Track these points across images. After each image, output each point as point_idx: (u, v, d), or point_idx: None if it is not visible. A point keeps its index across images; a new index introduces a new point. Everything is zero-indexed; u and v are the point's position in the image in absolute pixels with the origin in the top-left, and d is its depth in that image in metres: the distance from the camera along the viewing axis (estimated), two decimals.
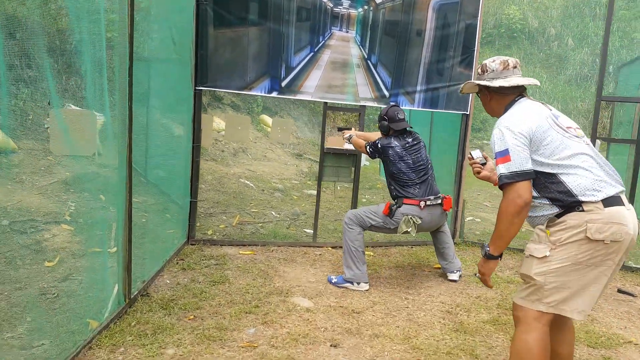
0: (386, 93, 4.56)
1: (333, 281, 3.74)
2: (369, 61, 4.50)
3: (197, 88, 4.16)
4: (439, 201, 3.76)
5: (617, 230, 1.95)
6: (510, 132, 2.05)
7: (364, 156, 5.92)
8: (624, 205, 1.99)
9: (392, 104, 4.16)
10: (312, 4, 4.29)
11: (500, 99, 2.28)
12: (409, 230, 3.61)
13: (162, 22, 3.62)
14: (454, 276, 3.92)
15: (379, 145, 3.78)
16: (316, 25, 4.33)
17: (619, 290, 3.88)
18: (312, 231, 4.86)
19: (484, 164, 2.45)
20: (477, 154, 2.47)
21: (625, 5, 19.72)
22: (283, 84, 4.30)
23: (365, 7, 4.43)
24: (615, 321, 3.31)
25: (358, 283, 3.65)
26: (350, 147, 4.64)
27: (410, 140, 3.81)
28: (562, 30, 20.89)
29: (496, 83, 2.22)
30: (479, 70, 2.35)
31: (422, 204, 3.66)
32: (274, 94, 4.33)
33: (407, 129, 3.85)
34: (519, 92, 2.26)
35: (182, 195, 4.37)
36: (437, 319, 3.22)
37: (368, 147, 3.86)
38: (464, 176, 4.95)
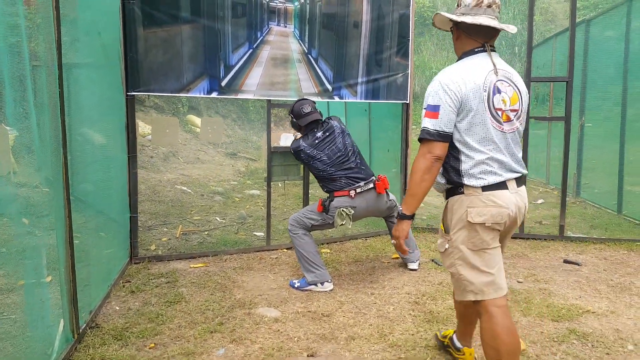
0: (329, 87, 4.48)
1: (296, 285, 3.62)
2: (309, 55, 4.39)
3: (129, 93, 3.84)
4: (371, 185, 3.71)
5: (496, 213, 2.00)
6: (447, 89, 1.98)
7: None
8: (507, 189, 2.03)
9: (299, 98, 4.02)
10: None
11: (463, 42, 2.13)
12: (343, 222, 3.57)
13: (87, 23, 3.28)
14: (413, 265, 3.95)
15: (292, 151, 3.76)
16: (253, 20, 4.14)
17: (565, 261, 4.11)
18: (264, 234, 4.70)
19: None
20: None
21: None
22: (223, 83, 4.08)
23: (302, 0, 4.30)
24: (570, 292, 3.49)
25: (322, 283, 3.57)
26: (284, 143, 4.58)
27: (320, 134, 3.74)
28: None
29: (461, 18, 2.05)
30: (456, 4, 2.14)
31: (353, 192, 3.61)
32: (214, 95, 4.10)
33: (320, 120, 3.79)
34: (485, 41, 2.08)
35: (120, 211, 4.04)
36: (407, 311, 3.22)
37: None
38: (410, 164, 5.02)
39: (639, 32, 5.51)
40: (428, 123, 2.00)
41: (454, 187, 2.08)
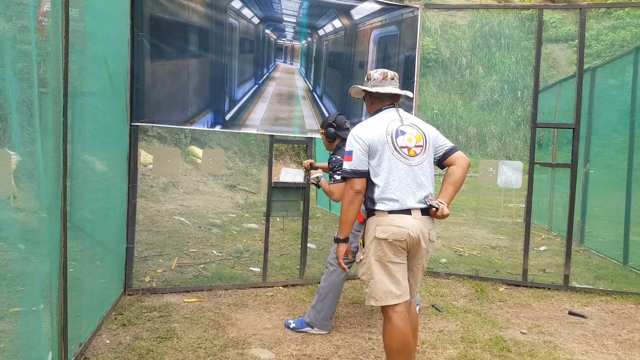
0: None
1: (291, 326, 3.51)
2: (314, 93, 4.41)
3: (132, 124, 3.83)
4: None
5: (397, 232, 2.45)
6: (357, 138, 2.54)
7: None
8: (410, 214, 2.48)
9: (338, 112, 3.85)
10: (255, 35, 4.15)
11: (376, 104, 2.70)
12: None
13: (94, 53, 3.29)
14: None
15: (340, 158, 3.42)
16: (260, 57, 4.18)
17: (570, 312, 3.99)
18: (260, 270, 4.61)
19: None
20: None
21: (525, 36, 21.59)
22: (227, 117, 4.08)
23: (309, 39, 4.36)
24: (576, 346, 3.37)
25: (319, 328, 3.45)
26: (288, 179, 4.47)
27: None
28: (472, 59, 22.41)
29: (374, 89, 2.64)
30: (366, 79, 2.73)
31: None
32: (218, 128, 4.10)
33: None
34: (392, 101, 2.67)
35: (117, 240, 3.96)
36: None
37: (340, 176, 3.56)
38: None
39: None
40: (346, 165, 2.55)
41: (370, 211, 2.56)
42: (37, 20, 2.43)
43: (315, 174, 3.66)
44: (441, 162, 2.66)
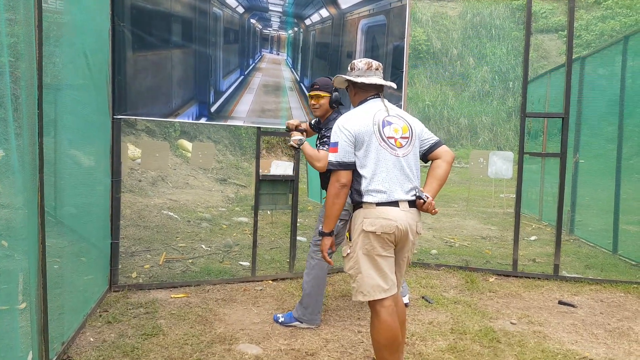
0: None
1: (280, 320, 3.46)
2: (301, 84, 4.34)
3: (115, 117, 3.74)
4: None
5: (385, 224, 2.40)
6: (342, 129, 2.48)
7: None
8: (398, 207, 2.43)
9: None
10: (240, 25, 4.06)
11: (360, 94, 2.65)
12: None
13: (73, 45, 3.20)
14: (404, 299, 3.81)
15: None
16: (245, 47, 4.10)
17: (560, 302, 3.98)
18: (249, 264, 4.55)
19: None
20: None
21: (516, 27, 21.57)
22: (212, 109, 4.00)
23: (295, 29, 4.28)
24: (565, 335, 3.35)
25: (308, 322, 3.41)
26: (279, 172, 4.37)
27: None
28: (463, 50, 22.36)
29: (359, 79, 2.59)
30: (349, 68, 2.67)
31: None
32: (203, 120, 4.02)
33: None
34: (376, 91, 2.63)
35: (101, 236, 3.88)
36: None
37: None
38: None
39: (634, 70, 5.53)
40: (331, 157, 2.48)
41: (356, 203, 2.50)
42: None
43: (297, 135, 3.26)
44: (426, 155, 2.61)
